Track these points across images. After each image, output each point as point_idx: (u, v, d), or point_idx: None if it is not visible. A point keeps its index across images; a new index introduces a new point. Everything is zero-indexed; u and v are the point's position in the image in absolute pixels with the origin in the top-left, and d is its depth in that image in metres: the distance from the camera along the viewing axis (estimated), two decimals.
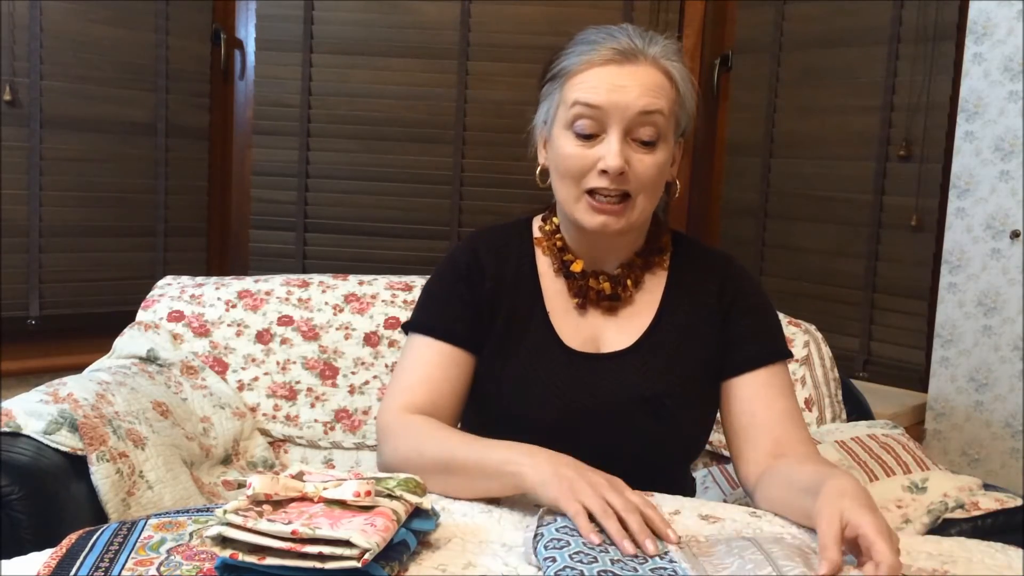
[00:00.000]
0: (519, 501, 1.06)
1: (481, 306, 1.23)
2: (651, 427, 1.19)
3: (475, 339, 1.23)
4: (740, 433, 1.20)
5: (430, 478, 1.04)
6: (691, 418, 1.24)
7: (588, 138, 1.15)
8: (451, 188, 2.68)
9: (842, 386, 1.79)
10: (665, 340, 1.23)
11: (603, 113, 1.14)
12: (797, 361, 1.75)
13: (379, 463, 1.19)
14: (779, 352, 1.23)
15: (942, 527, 1.30)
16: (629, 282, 1.24)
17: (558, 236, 1.27)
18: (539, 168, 1.25)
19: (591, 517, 0.94)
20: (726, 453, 1.74)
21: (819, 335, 1.82)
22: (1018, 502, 1.32)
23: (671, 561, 0.88)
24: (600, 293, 1.24)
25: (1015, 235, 2.10)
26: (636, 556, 0.89)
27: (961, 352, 2.20)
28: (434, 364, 1.21)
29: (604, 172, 1.14)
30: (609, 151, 1.13)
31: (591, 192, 1.16)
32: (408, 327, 1.26)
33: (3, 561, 0.88)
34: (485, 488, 1.06)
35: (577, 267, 1.24)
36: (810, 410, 1.72)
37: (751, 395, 1.20)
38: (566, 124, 1.17)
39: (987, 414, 2.16)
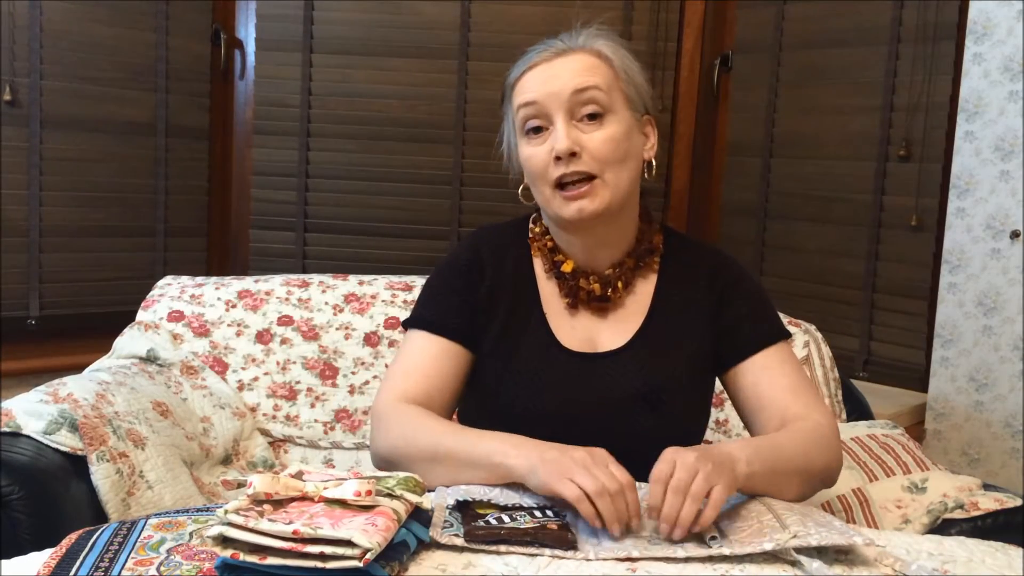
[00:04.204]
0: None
1: (479, 304, 1.25)
2: (648, 421, 1.21)
3: (471, 335, 1.25)
4: (750, 418, 1.24)
5: (417, 466, 1.08)
6: (687, 410, 1.26)
7: (539, 134, 1.19)
8: (451, 188, 2.68)
9: (842, 386, 1.79)
10: (657, 337, 1.25)
11: (542, 106, 1.18)
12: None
13: (371, 449, 1.21)
14: (775, 334, 1.26)
15: (942, 527, 1.30)
16: (620, 284, 1.26)
17: (548, 237, 1.29)
18: (521, 186, 1.28)
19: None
20: None
21: (819, 335, 1.82)
22: (1018, 502, 1.32)
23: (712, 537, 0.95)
24: (590, 294, 1.25)
25: (1015, 235, 2.10)
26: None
27: (961, 352, 2.20)
28: (430, 357, 1.23)
29: (559, 158, 1.16)
30: (556, 136, 1.17)
31: (560, 186, 1.18)
32: (407, 323, 1.29)
33: (3, 561, 0.88)
34: (470, 477, 1.07)
35: (567, 267, 1.26)
36: None
37: (754, 380, 1.23)
38: (520, 131, 1.22)
39: (987, 414, 2.16)
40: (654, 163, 1.26)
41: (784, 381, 1.21)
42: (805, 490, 1.12)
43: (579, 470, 0.97)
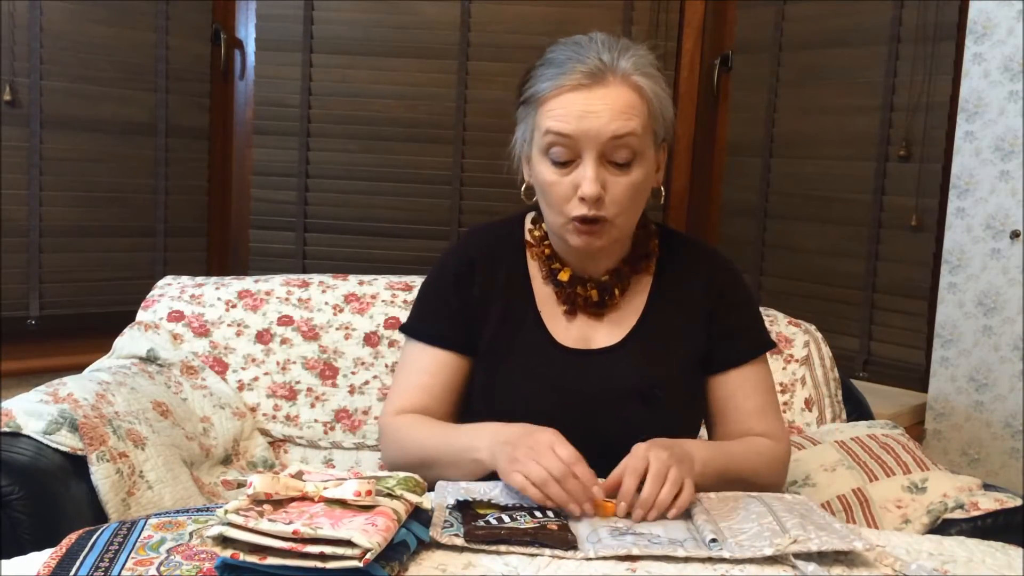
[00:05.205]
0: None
1: (471, 311, 1.27)
2: (645, 417, 1.22)
3: (466, 342, 1.27)
4: (712, 426, 1.29)
5: (416, 472, 1.11)
6: (682, 408, 1.27)
7: (564, 165, 1.17)
8: (451, 188, 2.68)
9: (842, 386, 1.79)
10: (653, 335, 1.26)
11: (575, 141, 1.14)
12: (797, 361, 1.75)
13: (381, 463, 1.27)
14: (758, 348, 1.29)
15: (942, 527, 1.30)
16: (616, 290, 1.27)
17: (546, 243, 1.29)
18: (524, 185, 1.27)
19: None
20: None
21: (819, 335, 1.82)
22: (1018, 502, 1.32)
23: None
24: (587, 300, 1.26)
25: (1015, 235, 2.10)
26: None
27: (961, 352, 2.20)
28: (426, 370, 1.27)
29: (583, 199, 1.15)
30: (585, 178, 1.14)
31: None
32: (404, 329, 1.32)
33: (3, 561, 0.88)
34: (460, 476, 1.12)
35: (564, 276, 1.26)
36: (810, 410, 1.72)
37: (727, 394, 1.27)
38: (542, 150, 1.18)
39: (987, 414, 2.16)
40: (662, 190, 1.26)
41: (753, 402, 1.26)
42: None
43: (525, 461, 1.02)
